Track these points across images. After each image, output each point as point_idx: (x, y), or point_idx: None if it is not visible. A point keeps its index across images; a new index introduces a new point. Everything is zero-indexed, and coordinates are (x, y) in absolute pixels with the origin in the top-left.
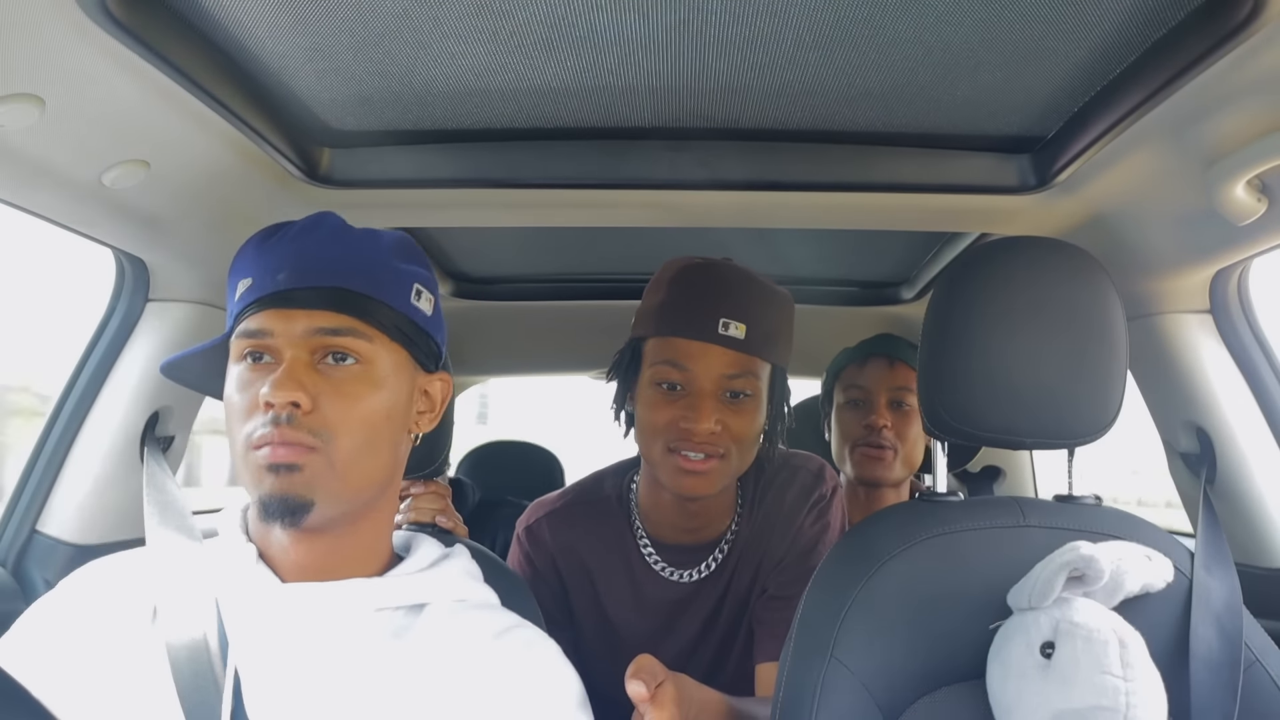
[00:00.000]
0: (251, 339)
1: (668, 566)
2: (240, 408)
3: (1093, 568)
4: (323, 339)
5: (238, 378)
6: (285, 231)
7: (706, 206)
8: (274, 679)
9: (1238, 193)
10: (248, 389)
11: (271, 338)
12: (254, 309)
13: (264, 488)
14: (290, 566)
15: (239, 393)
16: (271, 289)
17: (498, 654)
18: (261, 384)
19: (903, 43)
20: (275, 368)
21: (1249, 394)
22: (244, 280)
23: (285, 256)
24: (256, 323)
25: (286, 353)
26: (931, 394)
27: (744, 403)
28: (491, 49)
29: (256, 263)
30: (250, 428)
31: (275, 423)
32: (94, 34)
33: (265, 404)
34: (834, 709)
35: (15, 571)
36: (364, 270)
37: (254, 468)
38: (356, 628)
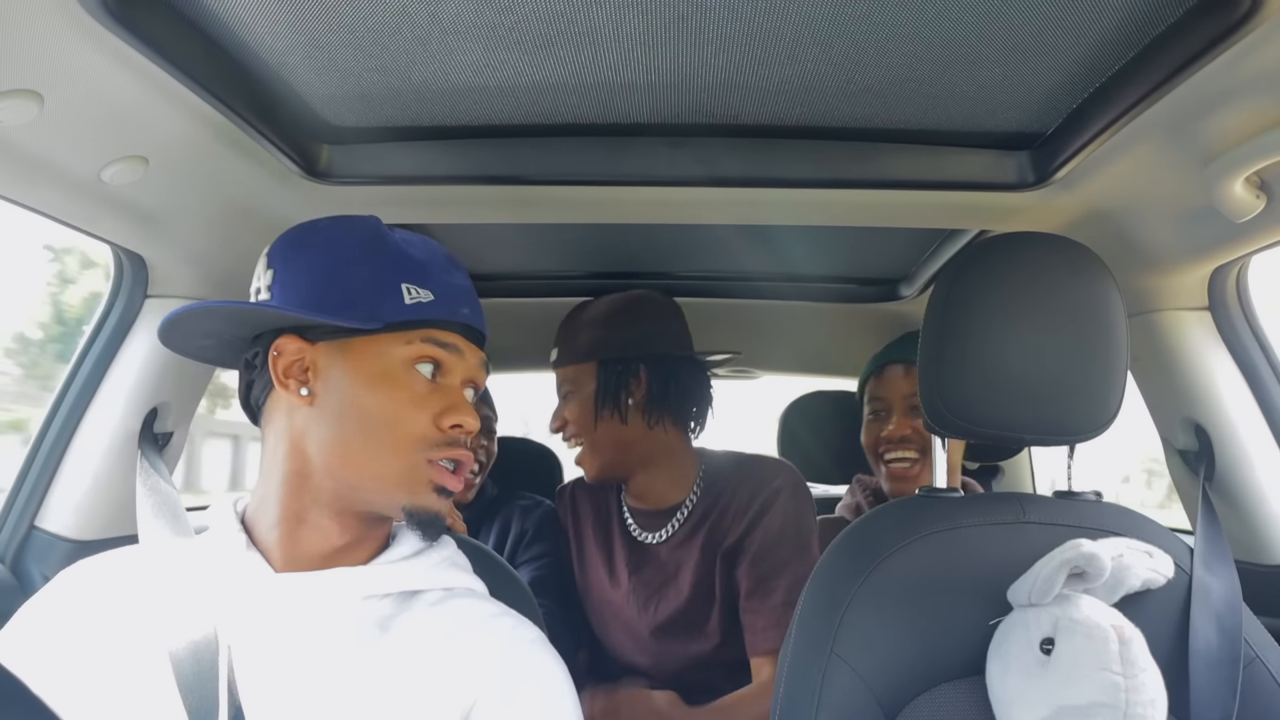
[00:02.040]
0: (445, 350)
1: (639, 528)
2: (415, 419)
3: (1094, 565)
4: (481, 374)
5: (416, 386)
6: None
7: (705, 203)
8: (266, 665)
9: (1236, 189)
10: (423, 402)
11: (460, 357)
12: (444, 326)
13: (427, 502)
14: (285, 553)
15: (414, 403)
16: (460, 319)
17: (482, 641)
18: (437, 401)
19: (902, 39)
20: (445, 387)
21: (1247, 391)
22: (419, 289)
23: (466, 293)
24: (452, 340)
25: (458, 377)
26: (932, 390)
27: (569, 398)
28: (490, 45)
29: (434, 282)
30: (430, 443)
31: (465, 445)
32: (93, 30)
33: (454, 427)
34: (834, 705)
35: (14, 567)
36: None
37: (425, 480)
38: (346, 615)
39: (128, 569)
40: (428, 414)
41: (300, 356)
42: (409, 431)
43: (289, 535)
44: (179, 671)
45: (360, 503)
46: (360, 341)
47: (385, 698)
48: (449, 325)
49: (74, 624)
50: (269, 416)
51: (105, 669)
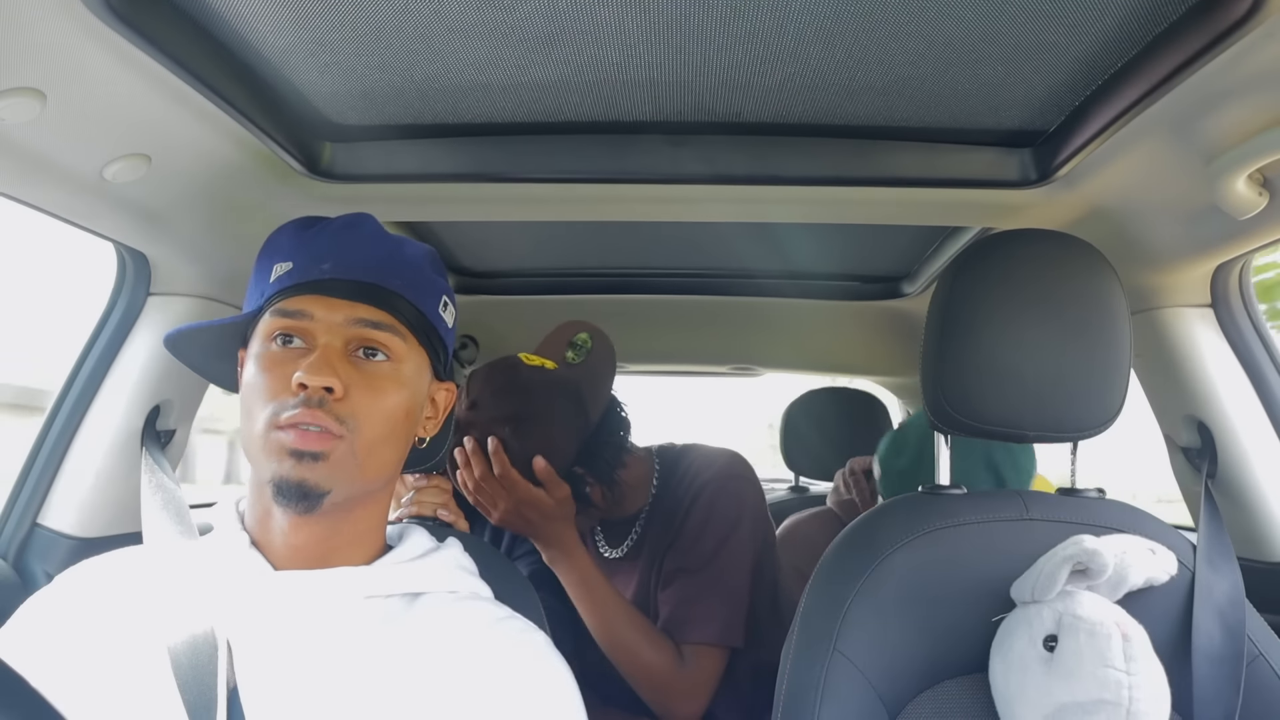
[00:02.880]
0: (289, 319)
1: (605, 544)
2: (264, 386)
3: (1096, 562)
4: (361, 330)
5: (264, 356)
6: (327, 225)
7: (707, 200)
8: (267, 666)
9: (1239, 187)
10: (275, 369)
11: (310, 320)
12: (294, 292)
13: (282, 469)
14: (285, 552)
15: (265, 371)
16: (315, 276)
17: (488, 645)
18: (291, 367)
19: (904, 37)
20: (306, 352)
21: (1250, 388)
22: (282, 264)
23: (330, 248)
24: (297, 305)
25: (322, 339)
26: (934, 387)
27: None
28: (493, 43)
29: (298, 249)
30: (275, 407)
31: (306, 404)
32: (96, 28)
33: (298, 385)
34: (837, 702)
35: (16, 565)
36: (403, 274)
37: (275, 447)
38: (347, 615)
39: (130, 568)
40: (277, 379)
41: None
42: (257, 399)
43: (267, 532)
44: (178, 669)
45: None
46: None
47: (387, 699)
48: (301, 289)
49: (75, 622)
50: None
51: (106, 667)
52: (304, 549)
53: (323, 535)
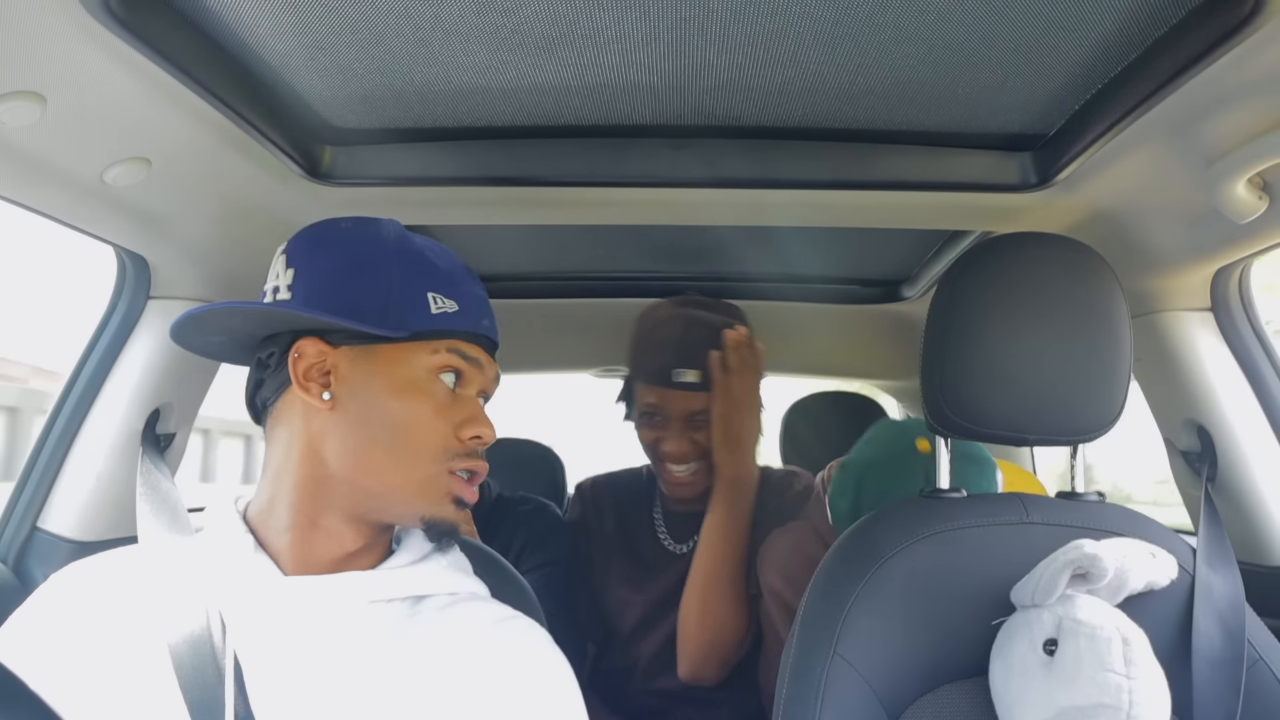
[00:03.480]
0: (468, 364)
1: (669, 537)
2: (438, 429)
3: (1096, 566)
4: (494, 387)
5: (439, 396)
6: (469, 272)
7: (708, 204)
8: (275, 669)
9: (1239, 191)
10: (445, 412)
11: (480, 371)
12: (467, 339)
13: (444, 512)
14: (296, 556)
15: (437, 413)
16: (482, 331)
17: (491, 644)
18: (458, 412)
19: (904, 40)
20: (464, 398)
21: (1250, 392)
22: (444, 299)
23: (485, 304)
24: (475, 354)
25: (475, 389)
26: (935, 390)
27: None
28: (493, 47)
29: (459, 293)
30: (453, 451)
31: (480, 457)
32: (96, 32)
33: (474, 438)
34: (837, 705)
35: (16, 568)
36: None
37: (443, 490)
38: (355, 620)
39: (126, 568)
40: (449, 424)
41: (321, 360)
42: (431, 441)
43: (301, 539)
44: (181, 671)
45: (377, 510)
46: (385, 349)
47: (396, 701)
48: (471, 336)
49: (72, 625)
50: (280, 417)
51: (106, 669)
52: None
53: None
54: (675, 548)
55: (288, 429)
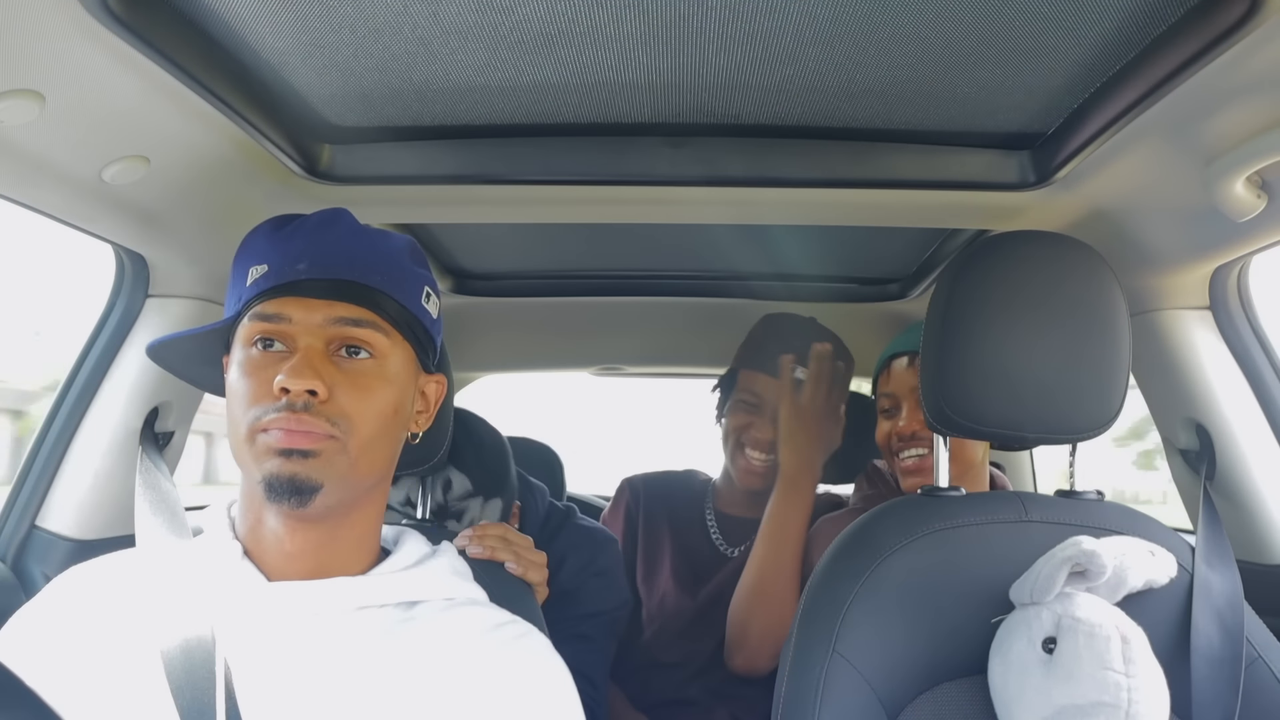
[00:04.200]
0: (268, 323)
1: (723, 539)
2: (246, 392)
3: (1095, 563)
4: (341, 329)
5: (246, 361)
6: (301, 223)
7: (706, 203)
8: (265, 677)
9: (1237, 189)
10: (256, 374)
11: (289, 324)
12: (271, 295)
13: (270, 467)
14: (279, 560)
15: (247, 377)
16: (291, 277)
17: (489, 650)
18: (272, 370)
19: (903, 39)
20: (287, 355)
21: (1248, 390)
22: (258, 266)
23: (306, 248)
24: (274, 308)
25: (302, 341)
26: (934, 389)
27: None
28: (491, 45)
29: (273, 251)
30: (258, 412)
31: (290, 409)
32: (94, 30)
33: (280, 390)
34: (836, 703)
35: (15, 567)
36: (382, 268)
37: (260, 449)
38: (345, 626)
39: (123, 573)
40: (259, 384)
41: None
42: (240, 404)
43: (260, 541)
44: (172, 678)
45: (246, 494)
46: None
47: (385, 707)
48: (278, 291)
49: (69, 629)
50: None
51: (100, 674)
52: (299, 556)
53: (319, 541)
54: (728, 550)
55: None
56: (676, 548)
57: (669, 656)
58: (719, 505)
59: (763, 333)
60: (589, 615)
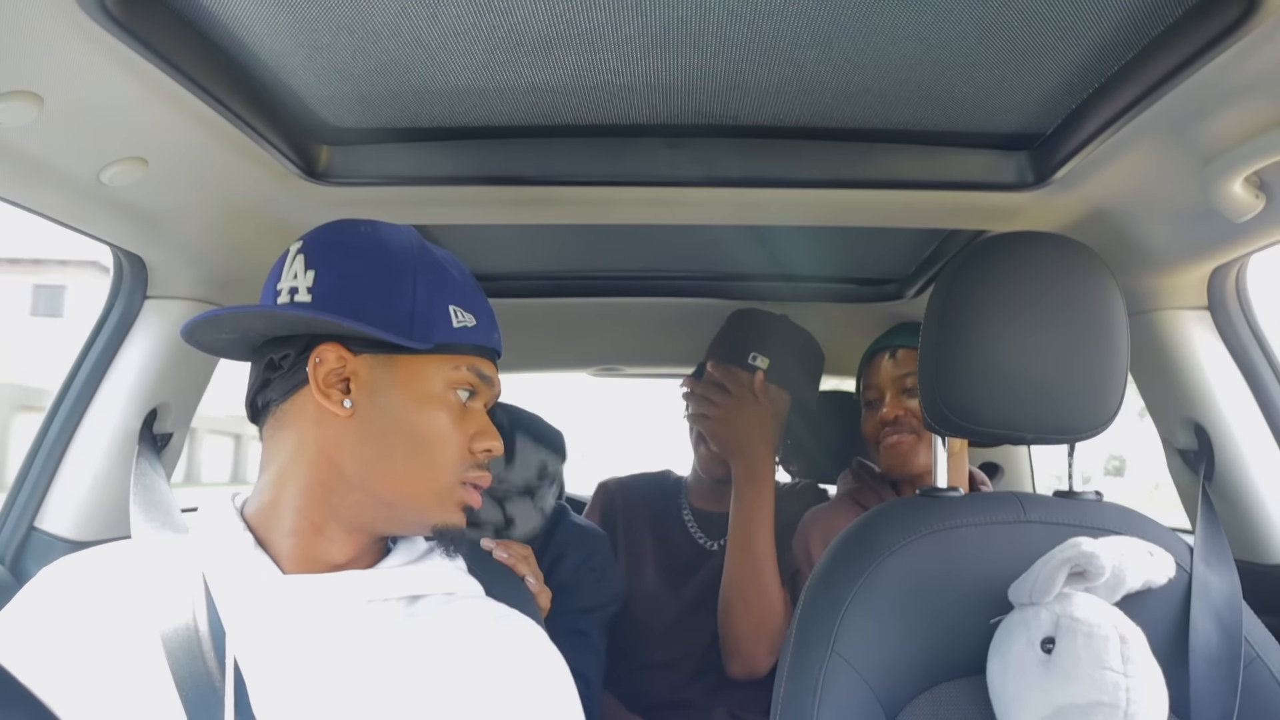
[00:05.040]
0: (483, 381)
1: (700, 533)
2: (456, 442)
3: (1094, 564)
4: (496, 398)
5: (456, 410)
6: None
7: (705, 203)
8: (275, 668)
9: (1236, 189)
10: (461, 425)
11: (489, 388)
12: (481, 354)
13: (453, 519)
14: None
15: (455, 426)
16: (494, 345)
17: (487, 643)
18: (468, 424)
19: (901, 40)
20: (475, 411)
21: (1247, 390)
22: (463, 313)
23: (494, 319)
24: (488, 370)
25: (482, 403)
26: (932, 389)
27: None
28: (489, 47)
29: (477, 307)
30: (465, 465)
31: (485, 468)
32: (92, 31)
33: (485, 451)
34: (835, 704)
35: (13, 568)
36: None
37: (457, 500)
38: (354, 618)
39: (117, 564)
40: (463, 437)
41: (341, 366)
42: (449, 454)
43: (304, 543)
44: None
45: (386, 519)
46: (406, 359)
47: (394, 699)
48: (485, 351)
49: (64, 622)
50: (287, 419)
51: (99, 666)
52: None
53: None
54: (708, 544)
55: (296, 432)
56: (658, 547)
57: (661, 656)
58: (693, 501)
59: (729, 326)
60: (585, 610)
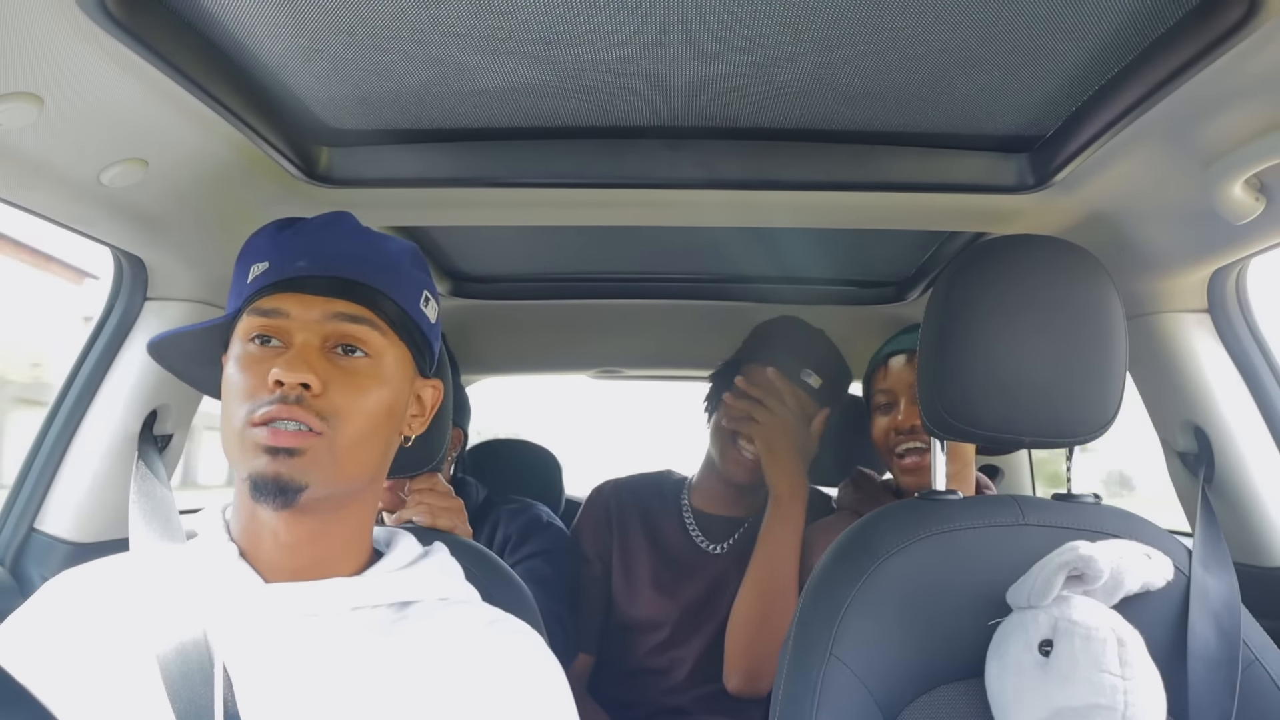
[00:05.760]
0: (265, 317)
1: (703, 539)
2: (242, 386)
3: (1091, 567)
4: (338, 325)
5: (243, 355)
6: (304, 224)
7: (704, 205)
8: (263, 679)
9: (1236, 192)
10: (253, 367)
11: (287, 319)
12: (270, 291)
13: (256, 466)
14: (275, 558)
15: (243, 370)
16: (291, 274)
17: (481, 648)
18: (268, 365)
19: (901, 42)
20: (283, 351)
21: (1247, 393)
22: (259, 264)
23: (306, 246)
24: (273, 303)
25: (298, 336)
26: (931, 392)
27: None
28: (489, 48)
29: (274, 249)
30: (252, 405)
31: (283, 401)
32: (93, 33)
33: (275, 383)
34: (833, 707)
35: (14, 570)
36: (382, 269)
37: (250, 444)
38: (341, 626)
39: (117, 576)
40: (252, 379)
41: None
42: (234, 400)
43: (255, 539)
44: (168, 680)
45: (239, 491)
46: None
47: (383, 706)
48: (277, 287)
49: (63, 633)
50: None
51: (95, 678)
52: (294, 550)
53: (310, 535)
54: (710, 547)
55: None
56: (654, 550)
57: (655, 661)
58: (696, 503)
59: (773, 331)
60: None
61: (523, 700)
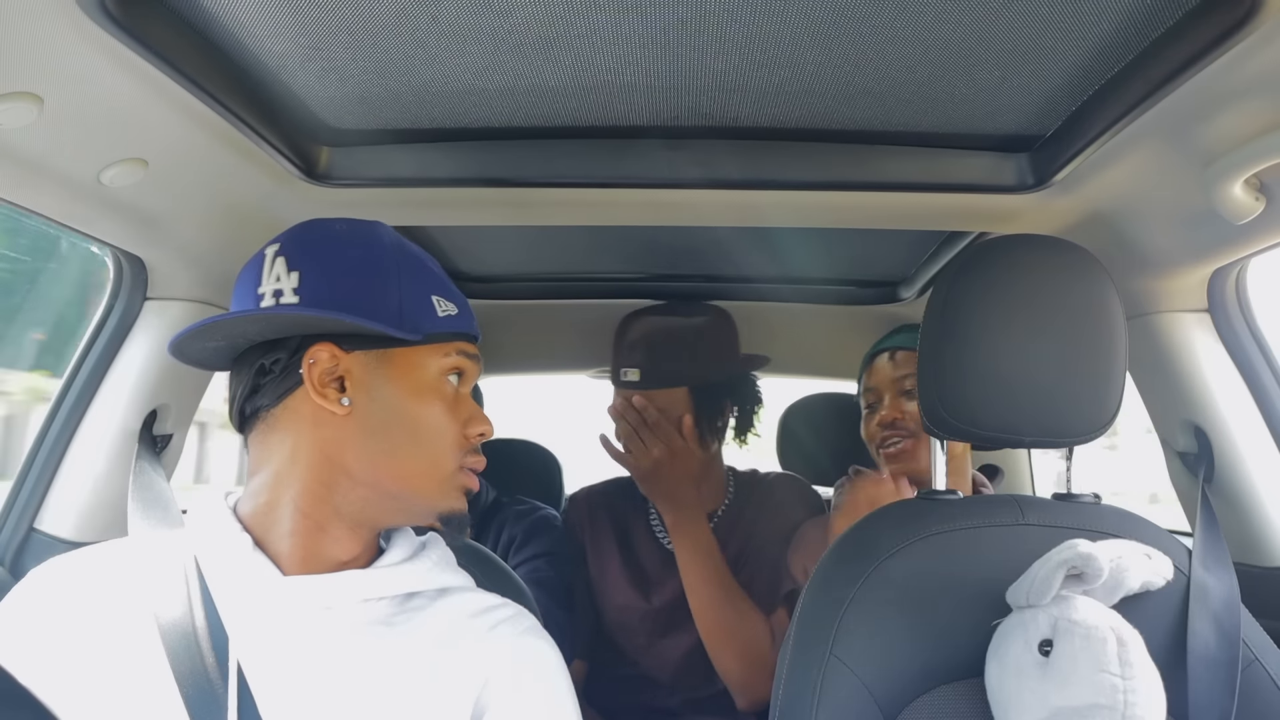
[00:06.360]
0: (471, 362)
1: (667, 537)
2: (453, 429)
3: (1091, 566)
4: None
5: (450, 398)
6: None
7: (704, 205)
8: (279, 670)
9: (1236, 191)
10: (455, 412)
11: (475, 369)
12: (466, 340)
13: (456, 505)
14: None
15: (451, 414)
16: (473, 331)
17: (482, 630)
18: (461, 410)
19: (901, 41)
20: (464, 396)
21: (1247, 393)
22: (445, 302)
23: (468, 306)
24: (474, 350)
25: (468, 388)
26: (930, 392)
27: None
28: (489, 48)
29: (454, 295)
30: (464, 451)
31: (479, 451)
32: (93, 32)
33: (479, 434)
34: (833, 707)
35: (13, 570)
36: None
37: (457, 487)
38: (351, 617)
39: (114, 563)
40: (459, 422)
41: (334, 364)
42: (449, 441)
43: (305, 543)
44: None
45: (392, 512)
46: (398, 353)
47: (398, 695)
48: (469, 337)
49: (59, 621)
50: (279, 423)
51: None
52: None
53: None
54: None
55: (290, 434)
56: (625, 554)
57: (637, 666)
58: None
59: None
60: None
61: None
